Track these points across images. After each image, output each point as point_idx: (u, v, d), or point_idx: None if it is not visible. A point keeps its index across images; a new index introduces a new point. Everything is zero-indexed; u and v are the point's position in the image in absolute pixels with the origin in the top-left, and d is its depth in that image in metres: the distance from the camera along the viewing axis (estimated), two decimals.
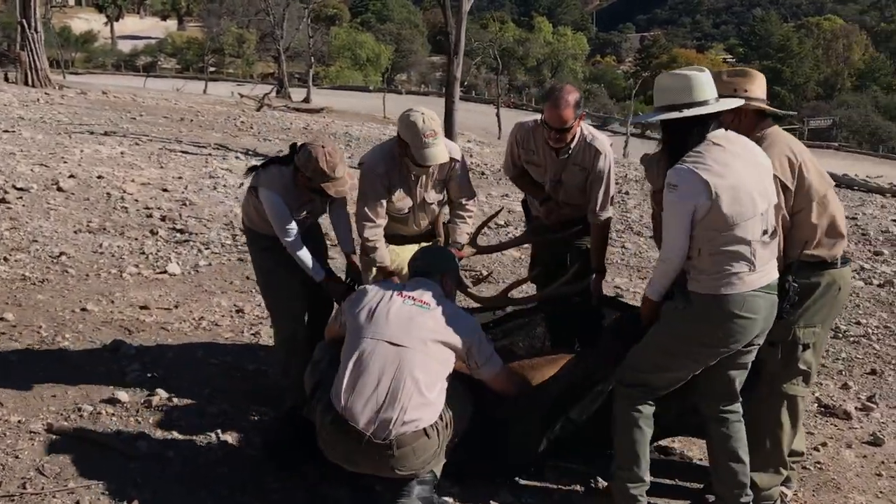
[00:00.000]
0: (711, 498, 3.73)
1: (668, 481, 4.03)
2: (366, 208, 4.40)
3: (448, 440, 3.50)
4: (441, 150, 4.26)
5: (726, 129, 3.33)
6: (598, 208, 4.46)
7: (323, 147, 4.10)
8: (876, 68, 71.91)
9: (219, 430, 4.27)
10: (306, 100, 40.17)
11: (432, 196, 4.59)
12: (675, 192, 3.20)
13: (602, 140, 4.46)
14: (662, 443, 4.32)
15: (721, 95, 3.34)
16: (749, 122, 3.59)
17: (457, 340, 3.52)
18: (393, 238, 4.63)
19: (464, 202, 4.69)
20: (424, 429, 3.37)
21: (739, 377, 3.47)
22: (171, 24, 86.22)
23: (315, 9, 53.71)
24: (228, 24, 59.01)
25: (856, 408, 5.02)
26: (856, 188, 15.61)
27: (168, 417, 4.40)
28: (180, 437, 4.21)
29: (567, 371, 3.85)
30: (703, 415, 3.55)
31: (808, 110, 59.30)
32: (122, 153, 12.90)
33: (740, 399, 3.52)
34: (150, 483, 3.76)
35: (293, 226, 4.26)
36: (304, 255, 4.32)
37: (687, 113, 3.20)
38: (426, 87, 59.89)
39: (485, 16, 78.66)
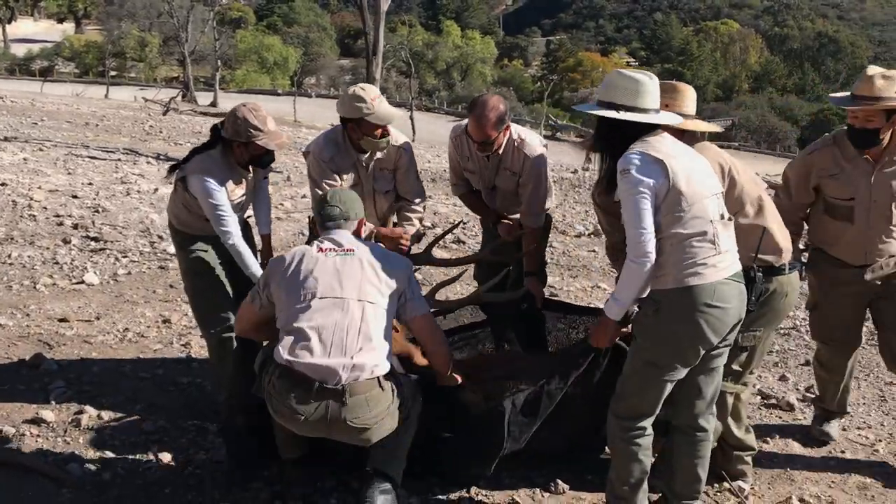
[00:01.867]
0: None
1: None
2: (319, 192, 4.23)
3: (402, 410, 3.33)
4: (391, 108, 4.29)
5: None
6: (528, 211, 4.43)
7: (244, 105, 4.11)
8: (771, 70, 74.87)
9: (156, 448, 4.03)
10: (213, 104, 39.20)
11: (381, 185, 4.48)
12: (629, 175, 3.02)
13: (531, 143, 4.41)
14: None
15: None
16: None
17: (390, 279, 3.35)
18: None
19: (412, 199, 4.57)
20: (378, 378, 3.22)
21: (710, 385, 3.31)
22: (69, 26, 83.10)
23: (220, 11, 52.62)
24: (130, 26, 57.23)
25: (797, 399, 5.08)
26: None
27: (100, 437, 4.13)
28: (115, 457, 3.95)
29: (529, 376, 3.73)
30: (670, 424, 3.41)
31: (708, 111, 61.10)
32: (24, 159, 12.32)
33: (713, 413, 3.40)
34: None
35: (231, 213, 4.11)
36: (245, 249, 4.17)
37: (623, 116, 3.10)
38: (336, 91, 59.28)
39: (393, 19, 78.49)
